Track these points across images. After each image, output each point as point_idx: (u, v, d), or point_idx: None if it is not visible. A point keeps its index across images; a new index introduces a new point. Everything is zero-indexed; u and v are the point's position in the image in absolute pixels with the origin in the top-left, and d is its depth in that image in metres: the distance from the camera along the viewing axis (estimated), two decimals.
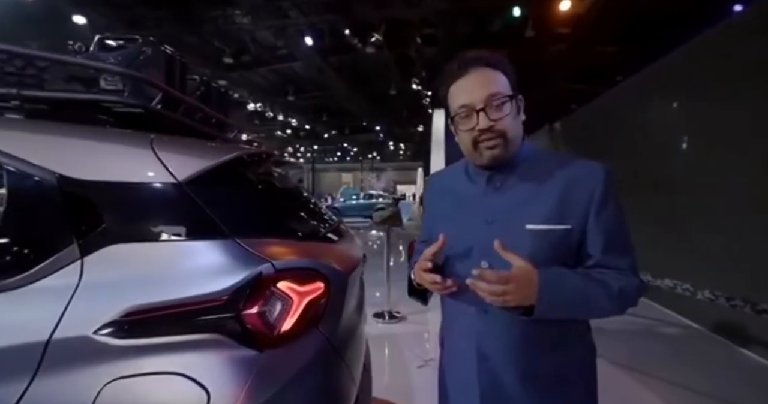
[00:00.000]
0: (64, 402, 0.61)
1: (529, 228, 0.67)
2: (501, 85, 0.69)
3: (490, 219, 0.71)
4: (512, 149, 0.71)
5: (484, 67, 0.70)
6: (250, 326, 0.71)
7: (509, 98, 0.69)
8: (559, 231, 0.67)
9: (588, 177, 0.69)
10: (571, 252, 0.69)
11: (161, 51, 1.10)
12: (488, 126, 0.68)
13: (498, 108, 0.68)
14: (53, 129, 0.80)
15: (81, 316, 0.64)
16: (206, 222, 0.77)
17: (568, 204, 0.68)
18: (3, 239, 0.68)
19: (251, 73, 10.83)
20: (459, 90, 0.71)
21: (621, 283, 0.66)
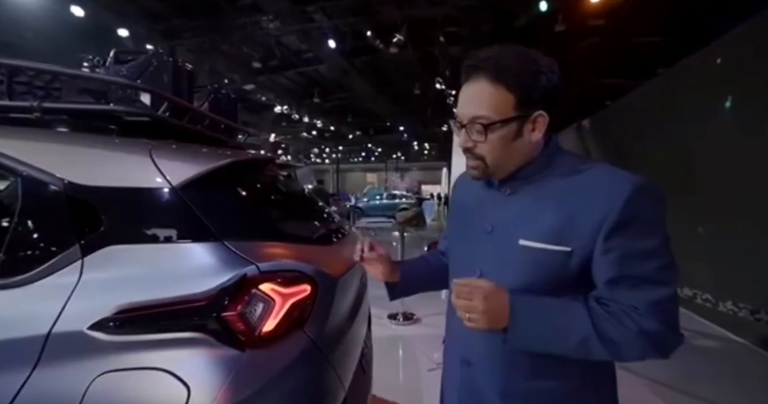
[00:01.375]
0: (59, 392, 0.66)
1: (522, 244, 0.61)
2: (493, 106, 0.59)
3: (490, 228, 0.66)
4: (498, 172, 0.65)
5: (483, 79, 0.60)
6: (231, 326, 0.74)
7: (500, 125, 0.59)
8: (555, 252, 0.58)
9: (607, 195, 0.57)
10: (570, 277, 0.59)
11: (168, 62, 1.17)
12: (466, 146, 0.64)
13: (479, 132, 0.60)
14: (63, 138, 0.87)
15: (77, 313, 0.70)
16: (197, 225, 0.81)
17: (573, 223, 0.58)
18: (14, 239, 0.76)
19: (278, 77, 11.19)
20: (459, 97, 0.64)
21: (615, 322, 0.55)
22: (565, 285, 0.60)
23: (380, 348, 2.76)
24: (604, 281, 0.58)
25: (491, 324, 0.58)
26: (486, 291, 0.57)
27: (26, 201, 0.77)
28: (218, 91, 1.47)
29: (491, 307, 0.57)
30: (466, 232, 0.73)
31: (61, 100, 0.99)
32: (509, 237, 0.63)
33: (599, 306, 0.58)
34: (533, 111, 0.60)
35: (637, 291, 0.56)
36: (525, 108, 0.60)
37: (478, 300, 0.57)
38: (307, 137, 19.60)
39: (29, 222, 0.77)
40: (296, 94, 12.82)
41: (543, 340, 0.58)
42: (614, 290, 0.57)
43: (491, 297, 0.57)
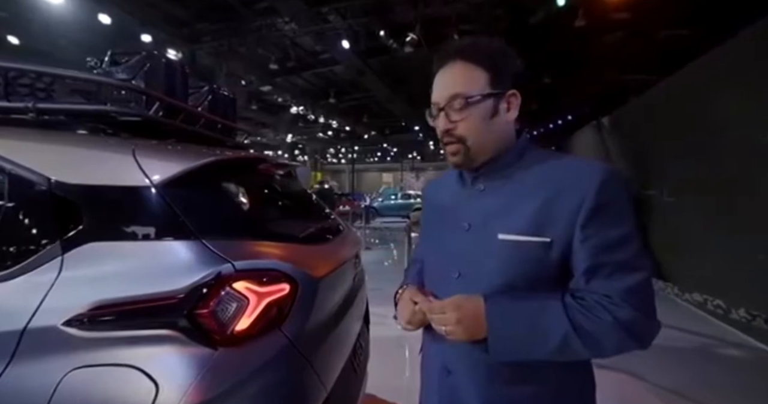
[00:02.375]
0: (31, 387, 0.68)
1: (501, 238, 0.60)
2: (470, 84, 0.61)
3: (467, 225, 0.65)
4: (478, 155, 0.64)
5: (457, 61, 0.63)
6: (203, 324, 0.74)
7: (479, 99, 0.61)
8: (535, 244, 0.58)
9: (580, 181, 0.57)
10: (551, 270, 0.59)
11: (162, 62, 1.19)
12: (446, 128, 0.64)
13: (459, 110, 0.62)
14: (51, 137, 0.90)
15: (53, 308, 0.71)
16: (176, 223, 0.81)
17: (551, 214, 0.58)
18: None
19: (295, 78, 11.36)
20: (434, 84, 0.66)
21: (592, 317, 0.54)
22: (545, 279, 0.59)
23: (384, 348, 2.74)
24: (582, 269, 0.57)
25: (469, 334, 0.58)
26: (457, 301, 0.58)
27: (12, 198, 0.80)
28: (216, 91, 1.49)
29: (465, 316, 0.57)
30: (442, 234, 0.71)
31: (55, 101, 1.02)
32: (488, 232, 0.62)
33: (574, 301, 0.57)
34: (506, 89, 0.63)
35: (613, 279, 0.56)
36: (499, 85, 0.62)
37: (450, 311, 0.58)
38: (323, 137, 19.80)
39: (13, 219, 0.79)
40: (312, 94, 12.97)
41: (524, 344, 0.57)
42: (591, 279, 0.57)
43: (464, 307, 0.58)
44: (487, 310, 0.57)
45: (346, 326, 1.23)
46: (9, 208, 0.79)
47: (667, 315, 3.28)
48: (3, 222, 0.78)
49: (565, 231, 0.57)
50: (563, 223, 0.57)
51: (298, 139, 20.94)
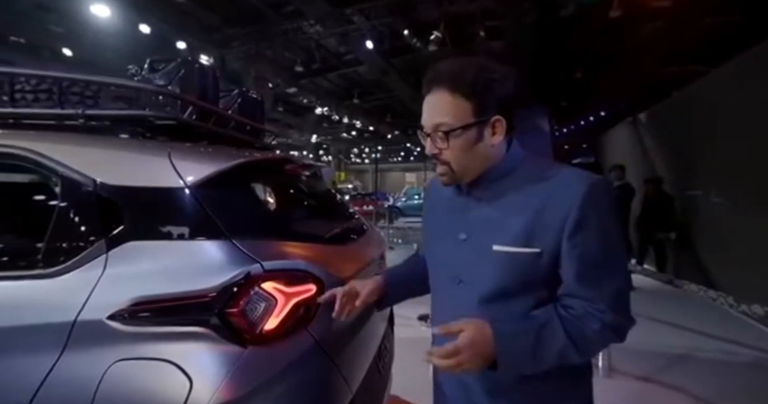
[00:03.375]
0: (81, 375, 0.72)
1: (495, 249, 0.64)
2: (453, 114, 0.64)
3: (464, 236, 0.69)
4: (465, 176, 0.68)
5: (442, 89, 0.64)
6: (233, 322, 0.76)
7: (459, 132, 0.64)
8: (526, 254, 0.62)
9: (565, 193, 0.61)
10: (541, 277, 0.63)
11: (195, 68, 1.23)
12: (431, 153, 0.68)
13: (442, 139, 0.65)
14: (96, 141, 0.96)
15: (99, 303, 0.76)
16: (208, 223, 0.84)
17: (540, 225, 0.62)
18: (52, 234, 0.84)
19: (320, 79, 11.55)
20: (423, 107, 0.68)
21: (590, 324, 0.60)
22: (536, 284, 0.64)
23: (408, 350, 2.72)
24: (572, 277, 0.61)
25: (482, 366, 0.60)
26: (470, 339, 0.58)
27: (64, 199, 0.85)
28: (245, 94, 1.53)
29: (479, 350, 0.59)
30: (442, 241, 0.74)
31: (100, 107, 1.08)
32: (483, 243, 0.66)
33: (567, 313, 0.62)
34: (491, 116, 0.64)
35: (599, 286, 0.61)
36: (483, 113, 0.64)
37: (466, 350, 0.58)
38: (347, 137, 20.03)
39: (65, 218, 0.85)
40: (337, 95, 13.13)
41: (529, 362, 0.61)
42: (580, 286, 0.61)
43: (476, 342, 0.58)
44: (495, 338, 0.59)
45: (371, 327, 1.23)
46: (61, 208, 0.85)
47: (721, 328, 3.05)
48: (56, 221, 0.84)
49: (553, 242, 0.61)
50: (551, 234, 0.61)
51: (323, 140, 21.29)
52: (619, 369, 2.36)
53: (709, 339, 2.91)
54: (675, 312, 3.50)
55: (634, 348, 2.65)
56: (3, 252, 0.91)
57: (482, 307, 0.65)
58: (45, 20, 7.13)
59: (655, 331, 3.02)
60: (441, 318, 0.71)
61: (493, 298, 0.65)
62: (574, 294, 0.62)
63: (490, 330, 0.59)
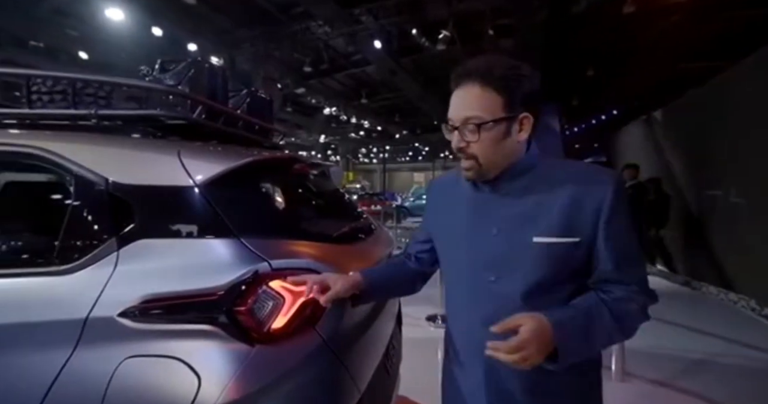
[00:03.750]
0: (93, 372, 0.73)
1: (536, 241, 0.66)
2: (484, 107, 0.65)
3: (495, 230, 0.70)
4: (490, 171, 0.70)
5: (474, 84, 0.66)
6: (241, 321, 0.76)
7: (491, 125, 0.65)
8: (567, 244, 0.65)
9: (597, 187, 0.65)
10: (579, 266, 0.67)
11: (205, 68, 1.25)
12: (459, 147, 0.69)
13: (472, 132, 0.66)
14: (108, 141, 0.97)
15: (110, 300, 0.76)
16: (217, 222, 0.85)
17: (576, 216, 0.65)
18: (66, 231, 0.85)
19: (328, 80, 11.59)
20: (451, 102, 0.70)
21: (629, 306, 0.65)
22: (571, 273, 0.67)
23: (416, 350, 2.70)
24: (608, 264, 0.65)
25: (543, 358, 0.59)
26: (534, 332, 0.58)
27: (77, 197, 0.87)
28: (254, 94, 1.54)
29: (542, 344, 0.58)
30: (466, 239, 0.74)
31: (113, 107, 1.10)
32: (520, 236, 0.67)
33: (609, 298, 0.65)
34: (519, 112, 0.67)
35: (632, 271, 0.67)
36: (512, 109, 0.66)
37: (532, 344, 0.57)
38: (355, 137, 20.05)
39: (79, 216, 0.86)
40: (345, 95, 13.16)
41: (585, 350, 0.64)
42: (617, 271, 0.65)
43: (540, 334, 0.58)
44: (553, 327, 0.59)
45: (378, 327, 1.22)
46: (74, 206, 0.86)
47: (741, 332, 2.94)
48: (70, 218, 0.85)
49: (589, 232, 0.65)
50: (587, 225, 0.65)
51: (331, 140, 21.37)
52: (633, 373, 2.30)
53: (729, 343, 2.82)
54: (692, 315, 3.41)
55: (648, 352, 2.59)
56: (19, 250, 0.93)
57: (525, 300, 0.66)
58: (62, 25, 7.32)
59: (670, 334, 2.95)
60: (475, 314, 0.71)
61: (535, 290, 0.66)
62: (611, 279, 0.66)
63: (547, 321, 0.59)
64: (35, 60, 7.78)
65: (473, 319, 0.72)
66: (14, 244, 0.97)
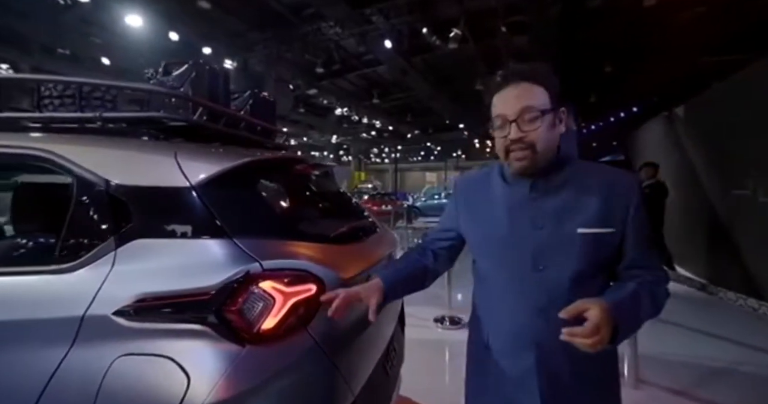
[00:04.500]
0: (88, 369, 0.75)
1: (581, 232, 0.74)
2: (537, 99, 0.74)
3: (539, 224, 0.77)
4: (541, 161, 0.76)
5: (522, 81, 0.75)
6: (230, 321, 0.77)
7: (543, 112, 0.73)
8: (606, 234, 0.75)
9: (626, 187, 0.76)
10: (612, 254, 0.76)
11: (206, 70, 1.26)
12: (518, 137, 0.74)
13: (530, 121, 0.73)
14: (108, 142, 0.99)
15: (106, 299, 0.78)
16: (211, 222, 0.85)
17: (610, 210, 0.75)
18: (68, 231, 0.88)
19: (339, 80, 11.65)
20: (498, 100, 0.77)
21: (659, 288, 0.75)
22: (607, 264, 0.77)
23: (423, 351, 2.68)
24: (638, 252, 0.76)
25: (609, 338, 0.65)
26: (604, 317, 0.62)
27: (79, 198, 0.89)
28: (257, 95, 1.55)
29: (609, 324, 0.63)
30: (509, 233, 0.80)
31: (117, 110, 1.13)
32: (565, 228, 0.75)
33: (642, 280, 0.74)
34: (558, 107, 0.76)
35: (654, 257, 0.78)
36: (556, 103, 0.76)
37: (604, 328, 0.62)
38: (366, 137, 20.10)
39: (80, 216, 0.88)
40: (356, 95, 13.21)
41: (635, 328, 0.71)
42: (646, 259, 0.77)
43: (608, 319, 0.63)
44: (614, 309, 0.65)
45: (378, 328, 1.21)
46: (76, 206, 0.88)
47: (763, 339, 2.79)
48: (71, 218, 0.88)
49: (621, 223, 0.75)
50: (620, 216, 0.75)
51: (343, 140, 21.49)
52: (648, 380, 2.22)
53: (748, 350, 2.69)
54: (709, 320, 3.26)
55: (664, 358, 2.49)
56: (23, 248, 0.96)
57: (572, 285, 0.74)
58: (87, 33, 7.61)
59: (687, 341, 2.83)
60: (524, 302, 0.78)
61: (580, 276, 0.74)
62: (641, 265, 0.76)
63: (606, 303, 0.64)
64: (61, 66, 8.13)
65: (521, 307, 0.78)
66: (19, 243, 1.01)
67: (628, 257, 0.76)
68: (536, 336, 0.76)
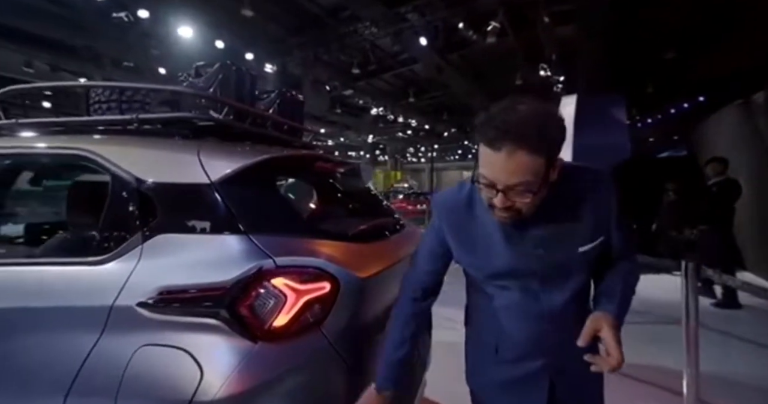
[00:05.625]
0: (115, 356, 0.79)
1: (581, 250, 0.76)
2: (530, 172, 0.65)
3: (537, 245, 0.76)
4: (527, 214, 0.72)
5: (516, 149, 0.64)
6: (242, 317, 0.77)
7: (540, 184, 0.68)
8: (598, 244, 0.77)
9: (603, 189, 0.76)
10: (605, 252, 0.80)
11: (233, 71, 1.30)
12: (504, 206, 0.69)
13: (521, 194, 0.68)
14: (140, 142, 1.05)
15: (132, 290, 0.82)
16: (228, 218, 0.87)
17: (598, 219, 0.76)
18: (104, 225, 0.93)
19: (376, 80, 11.71)
20: (486, 159, 0.67)
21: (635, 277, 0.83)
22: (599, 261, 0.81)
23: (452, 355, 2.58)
24: (622, 245, 0.81)
25: None
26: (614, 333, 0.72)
27: (113, 195, 0.95)
28: (284, 95, 1.58)
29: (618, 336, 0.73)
30: (514, 264, 0.78)
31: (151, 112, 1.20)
32: (565, 249, 0.76)
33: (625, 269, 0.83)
34: (555, 160, 0.69)
35: (632, 248, 0.84)
36: (553, 157, 0.68)
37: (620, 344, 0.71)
38: (402, 137, 20.04)
39: (114, 212, 0.94)
40: (392, 95, 13.20)
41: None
42: (627, 251, 0.83)
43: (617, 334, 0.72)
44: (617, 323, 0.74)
45: None
46: (111, 203, 0.94)
47: None
48: (107, 214, 0.93)
49: (608, 226, 0.78)
50: (605, 222, 0.77)
51: (379, 139, 21.61)
52: (709, 401, 1.96)
53: None
54: None
55: (727, 378, 2.20)
56: (68, 241, 1.05)
57: (573, 295, 0.78)
58: (147, 45, 8.37)
59: (755, 358, 2.47)
60: (527, 317, 0.80)
61: (578, 292, 0.79)
62: (623, 256, 0.82)
63: (612, 320, 0.73)
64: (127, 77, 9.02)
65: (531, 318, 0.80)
66: (65, 237, 1.10)
67: (615, 249, 0.81)
68: (544, 341, 0.81)
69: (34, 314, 0.87)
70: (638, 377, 2.23)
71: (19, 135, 1.27)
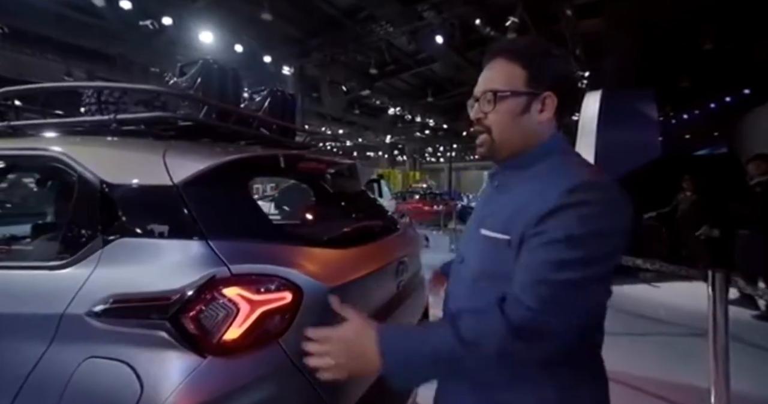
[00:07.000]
0: (61, 369, 0.74)
1: (482, 233, 0.67)
2: (505, 80, 0.65)
3: (478, 222, 0.71)
4: (502, 150, 0.68)
5: (500, 58, 0.67)
6: (188, 329, 0.71)
7: (507, 95, 0.65)
8: (500, 240, 0.63)
9: (549, 191, 0.58)
10: (509, 266, 0.61)
11: (214, 70, 1.26)
12: (476, 117, 0.69)
13: (489, 102, 0.66)
14: (110, 143, 1.02)
15: (84, 298, 0.78)
16: (189, 222, 0.81)
17: (520, 215, 0.61)
18: (65, 229, 0.91)
19: (394, 80, 11.64)
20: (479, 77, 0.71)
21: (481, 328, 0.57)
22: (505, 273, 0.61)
23: None
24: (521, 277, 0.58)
25: (357, 369, 0.59)
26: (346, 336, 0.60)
27: (79, 197, 0.92)
28: (274, 93, 1.53)
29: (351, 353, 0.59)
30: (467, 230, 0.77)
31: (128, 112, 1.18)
32: (477, 228, 0.70)
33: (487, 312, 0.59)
34: (543, 90, 0.65)
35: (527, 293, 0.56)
36: (535, 85, 0.65)
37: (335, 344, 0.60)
38: (421, 137, 19.84)
39: (78, 214, 0.91)
40: (410, 95, 13.09)
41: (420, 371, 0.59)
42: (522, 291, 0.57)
43: (352, 343, 0.59)
44: (380, 341, 0.58)
45: None
46: (75, 205, 0.92)
47: None
48: (71, 216, 0.91)
49: (521, 233, 0.60)
50: (522, 225, 0.60)
51: (397, 140, 21.50)
52: None
53: None
54: None
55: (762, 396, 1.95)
56: (30, 244, 1.03)
57: (473, 284, 0.68)
58: (173, 52, 8.71)
59: None
60: (449, 291, 0.77)
61: (479, 277, 0.67)
62: (511, 298, 0.57)
63: (374, 335, 0.58)
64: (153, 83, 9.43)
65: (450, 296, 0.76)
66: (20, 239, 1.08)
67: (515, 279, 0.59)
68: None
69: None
70: (660, 394, 2.04)
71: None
